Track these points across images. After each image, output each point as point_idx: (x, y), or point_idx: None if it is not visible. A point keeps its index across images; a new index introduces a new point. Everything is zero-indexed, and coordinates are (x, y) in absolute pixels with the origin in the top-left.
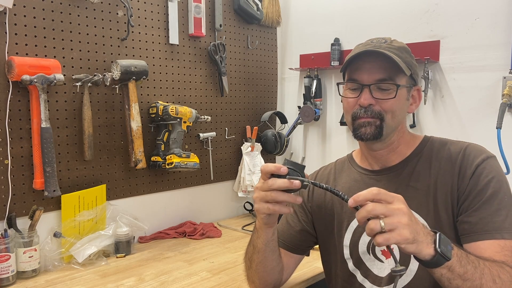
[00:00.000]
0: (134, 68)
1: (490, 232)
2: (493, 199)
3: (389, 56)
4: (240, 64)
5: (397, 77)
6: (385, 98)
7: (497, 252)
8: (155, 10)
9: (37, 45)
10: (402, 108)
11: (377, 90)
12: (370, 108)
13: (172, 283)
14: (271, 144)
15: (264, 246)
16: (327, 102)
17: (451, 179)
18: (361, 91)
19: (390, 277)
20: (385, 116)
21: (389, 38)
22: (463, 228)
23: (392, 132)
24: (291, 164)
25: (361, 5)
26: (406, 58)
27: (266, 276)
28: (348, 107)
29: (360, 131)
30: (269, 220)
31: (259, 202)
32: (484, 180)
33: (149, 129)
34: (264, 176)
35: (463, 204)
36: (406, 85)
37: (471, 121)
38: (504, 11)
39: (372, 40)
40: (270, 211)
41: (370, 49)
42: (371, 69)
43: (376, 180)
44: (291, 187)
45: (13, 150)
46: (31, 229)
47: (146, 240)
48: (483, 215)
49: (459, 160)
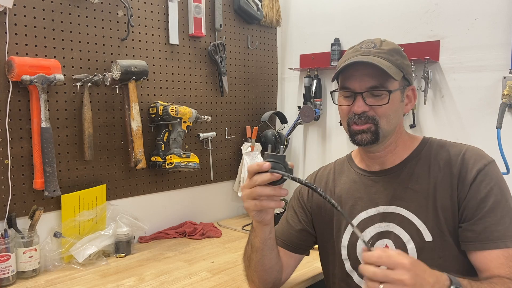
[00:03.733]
0: (134, 68)
1: (495, 241)
2: (497, 207)
3: (377, 65)
4: (240, 64)
5: (388, 82)
6: (378, 104)
7: (502, 264)
8: (155, 10)
9: (37, 45)
10: (397, 111)
11: (370, 96)
12: (364, 114)
13: (172, 283)
14: (271, 144)
15: (261, 245)
16: (327, 102)
17: (451, 182)
18: (354, 99)
19: None
20: (380, 121)
21: (379, 40)
22: (466, 235)
23: (388, 135)
24: (271, 157)
25: (361, 5)
26: (397, 61)
27: (265, 275)
28: (343, 114)
29: (356, 138)
30: (261, 218)
31: (246, 200)
32: (487, 187)
33: (149, 129)
34: (249, 175)
35: (465, 211)
36: (399, 88)
37: (471, 121)
38: (504, 11)
39: (361, 45)
40: (257, 208)
41: (359, 60)
42: (362, 77)
43: (374, 181)
44: (272, 178)
45: (13, 150)
46: (31, 229)
47: (146, 240)
48: (487, 224)
49: (459, 163)
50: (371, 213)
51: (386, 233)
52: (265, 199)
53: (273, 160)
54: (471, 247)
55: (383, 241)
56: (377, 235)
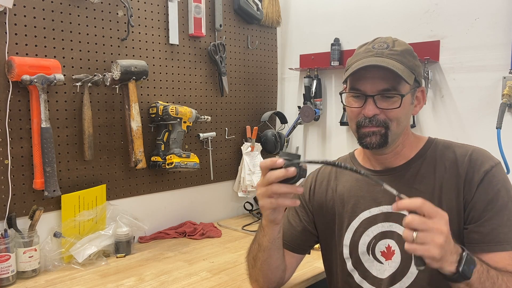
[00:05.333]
0: (134, 68)
1: (501, 243)
2: (503, 209)
3: (392, 69)
4: (240, 64)
5: (400, 85)
6: (390, 108)
7: (508, 265)
8: (155, 10)
9: (37, 45)
10: (407, 114)
11: (382, 99)
12: (375, 117)
13: (172, 283)
14: (271, 144)
15: (270, 244)
16: (327, 102)
17: (457, 183)
18: (365, 101)
19: (391, 279)
20: (390, 125)
21: (391, 40)
22: (472, 237)
23: (397, 137)
24: (286, 155)
25: (361, 5)
26: (410, 62)
27: (271, 274)
28: (352, 116)
29: (365, 140)
30: (275, 216)
31: (262, 198)
32: (494, 189)
33: (149, 129)
34: (263, 172)
35: (471, 212)
36: (410, 90)
37: (471, 121)
38: (504, 11)
39: (373, 45)
40: (273, 205)
41: (373, 64)
42: (374, 79)
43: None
44: (287, 175)
45: (13, 150)
46: (31, 229)
47: (146, 240)
48: (494, 226)
49: (466, 164)
50: (374, 213)
51: (389, 233)
52: (281, 197)
53: (288, 158)
54: (477, 249)
55: (386, 241)
56: (380, 235)
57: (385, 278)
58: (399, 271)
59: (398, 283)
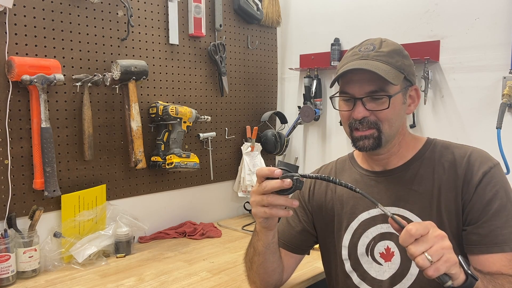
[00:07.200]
0: (134, 68)
1: (500, 244)
2: (502, 210)
3: (375, 72)
4: (240, 64)
5: (388, 86)
6: (379, 109)
7: (505, 266)
8: (155, 10)
9: (37, 45)
10: (399, 114)
11: (370, 101)
12: (365, 119)
13: (172, 283)
14: (271, 144)
15: (264, 249)
16: (327, 102)
17: (456, 184)
18: (354, 104)
19: (391, 280)
20: (382, 126)
21: (379, 41)
22: (471, 239)
23: (391, 138)
24: (284, 165)
25: (361, 5)
26: (397, 62)
27: (267, 277)
28: (344, 119)
29: (358, 144)
30: (268, 224)
31: (256, 206)
32: (492, 190)
33: (149, 129)
34: (259, 179)
35: (470, 214)
36: (400, 90)
37: (471, 121)
38: (504, 11)
39: (360, 47)
40: (267, 215)
41: (356, 67)
42: (362, 82)
43: (377, 181)
44: (283, 186)
45: (13, 150)
46: (31, 229)
47: (146, 240)
48: (492, 228)
49: (464, 165)
50: (373, 214)
51: (388, 234)
52: (275, 208)
53: (286, 169)
54: (475, 250)
55: (385, 242)
56: (379, 236)
57: (385, 279)
58: (399, 273)
59: (398, 284)
